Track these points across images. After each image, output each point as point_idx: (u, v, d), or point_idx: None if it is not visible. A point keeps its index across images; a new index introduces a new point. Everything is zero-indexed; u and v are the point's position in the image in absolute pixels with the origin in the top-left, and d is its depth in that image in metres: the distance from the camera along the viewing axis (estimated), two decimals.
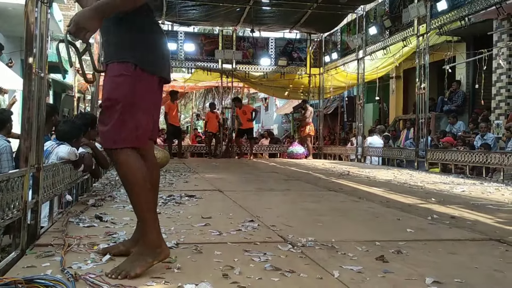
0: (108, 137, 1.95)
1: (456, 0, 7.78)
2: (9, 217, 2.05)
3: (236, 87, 15.96)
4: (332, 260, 2.15)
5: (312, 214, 3.49)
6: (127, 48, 1.93)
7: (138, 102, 1.94)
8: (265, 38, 13.55)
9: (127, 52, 1.93)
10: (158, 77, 2.03)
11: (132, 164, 1.93)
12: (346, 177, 6.82)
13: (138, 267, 1.84)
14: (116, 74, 1.92)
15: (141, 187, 1.93)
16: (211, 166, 8.90)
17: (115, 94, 1.92)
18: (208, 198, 4.26)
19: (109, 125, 1.92)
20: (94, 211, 3.29)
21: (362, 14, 11.27)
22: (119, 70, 1.92)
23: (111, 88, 1.93)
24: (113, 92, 1.92)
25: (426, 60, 8.52)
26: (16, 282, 1.62)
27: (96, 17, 1.82)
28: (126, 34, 1.95)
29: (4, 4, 9.77)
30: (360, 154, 11.20)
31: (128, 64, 1.91)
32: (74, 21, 1.79)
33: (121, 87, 1.91)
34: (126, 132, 1.92)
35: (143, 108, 1.97)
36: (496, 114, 9.75)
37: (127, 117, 1.92)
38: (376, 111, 15.78)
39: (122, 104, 1.90)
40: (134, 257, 1.91)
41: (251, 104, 24.17)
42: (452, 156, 7.72)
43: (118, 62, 1.93)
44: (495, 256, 2.34)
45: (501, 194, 5.05)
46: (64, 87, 16.59)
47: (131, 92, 1.92)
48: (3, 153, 4.32)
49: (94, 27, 1.83)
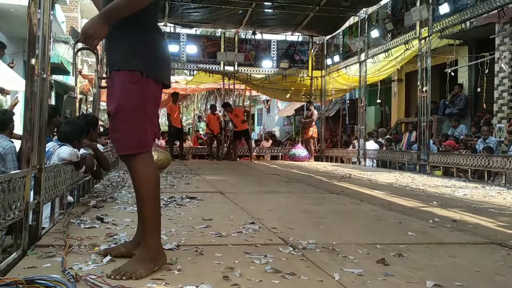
0: (121, 144, 2.01)
1: (458, 4, 7.78)
2: (11, 217, 2.06)
3: (238, 89, 15.98)
4: (332, 263, 2.15)
5: (313, 217, 3.48)
6: (134, 56, 1.96)
7: (145, 108, 1.99)
8: (267, 41, 13.57)
9: (134, 60, 1.96)
10: (162, 84, 2.07)
11: (146, 170, 2.00)
12: (347, 180, 6.82)
13: (141, 271, 1.86)
14: (125, 81, 1.95)
15: (152, 193, 2.00)
16: (213, 168, 8.89)
17: (125, 101, 1.95)
18: (209, 200, 4.26)
19: (120, 132, 1.98)
20: (95, 212, 3.29)
21: (364, 17, 11.28)
22: (127, 78, 1.95)
23: (120, 96, 1.96)
24: (122, 99, 1.95)
25: (428, 63, 8.52)
26: (17, 283, 1.63)
27: (103, 24, 1.86)
28: (132, 41, 1.98)
29: (7, 6, 9.80)
30: (361, 157, 11.20)
31: (135, 72, 1.95)
32: (83, 30, 1.85)
33: (130, 94, 1.95)
34: (138, 138, 1.98)
35: (149, 114, 2.03)
36: (498, 117, 9.74)
37: (137, 123, 1.97)
38: (378, 114, 15.77)
39: (131, 110, 1.95)
40: (137, 260, 1.92)
41: (253, 106, 24.20)
42: (454, 160, 7.71)
43: (125, 70, 1.95)
44: (496, 260, 2.34)
45: (503, 198, 5.04)
46: (66, 88, 16.65)
47: (139, 99, 1.96)
48: (8, 153, 4.34)
49: (102, 34, 1.88)
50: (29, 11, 2.28)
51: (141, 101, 1.97)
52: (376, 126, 14.52)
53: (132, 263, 1.90)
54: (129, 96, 1.95)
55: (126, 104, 1.95)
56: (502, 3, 6.90)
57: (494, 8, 7.07)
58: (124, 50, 1.98)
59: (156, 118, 2.18)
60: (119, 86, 1.96)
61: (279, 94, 14.80)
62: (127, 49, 1.97)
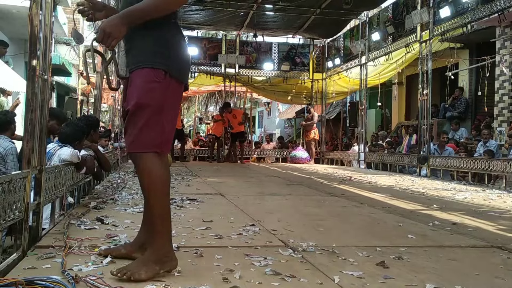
0: (133, 141, 1.95)
1: (459, 7, 7.79)
2: (11, 218, 2.06)
3: (238, 92, 15.99)
4: (332, 265, 2.15)
5: (313, 219, 3.48)
6: (158, 55, 1.93)
7: (165, 108, 1.95)
8: (268, 43, 13.59)
9: (158, 59, 1.92)
10: (183, 85, 2.05)
11: (154, 170, 1.93)
12: (348, 183, 6.81)
13: (144, 272, 1.83)
14: (147, 79, 1.91)
15: (160, 194, 1.94)
16: (213, 170, 8.90)
17: (146, 99, 1.91)
18: (210, 202, 4.26)
19: (136, 129, 1.93)
20: (96, 214, 3.29)
21: (365, 20, 11.29)
22: (151, 76, 1.91)
23: (141, 93, 1.91)
24: (143, 97, 1.91)
25: (429, 67, 8.52)
26: (16, 283, 1.63)
27: (124, 24, 1.83)
28: (156, 40, 1.94)
29: (9, 7, 9.81)
30: (362, 160, 11.21)
31: (159, 71, 1.92)
32: (101, 29, 1.80)
33: (152, 93, 1.91)
34: (152, 137, 1.93)
35: (169, 115, 1.99)
36: (499, 121, 9.73)
37: (154, 122, 1.93)
38: (379, 116, 15.77)
39: (151, 109, 1.91)
40: (141, 261, 1.90)
41: (254, 108, 24.21)
42: (454, 163, 7.71)
43: (149, 68, 1.92)
44: (496, 263, 2.34)
45: (503, 201, 5.04)
46: (67, 89, 16.65)
47: (161, 99, 1.93)
48: (9, 154, 4.36)
49: (121, 34, 1.84)
50: (30, 12, 2.28)
51: (162, 100, 1.93)
52: (376, 129, 14.52)
53: (136, 264, 1.88)
54: (150, 94, 1.91)
55: (147, 102, 1.91)
56: (502, 7, 6.91)
57: (495, 11, 7.08)
58: (148, 48, 1.93)
59: (175, 120, 2.11)
60: (141, 84, 1.92)
61: (280, 96, 14.81)
62: (151, 47, 1.93)
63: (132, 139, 1.95)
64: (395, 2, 10.12)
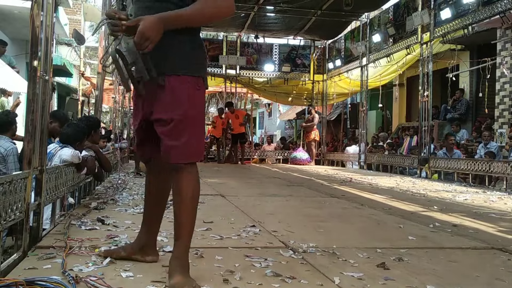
0: (180, 152, 1.85)
1: (460, 9, 7.80)
2: (12, 218, 2.06)
3: (239, 93, 15.99)
4: (333, 267, 2.15)
5: (314, 220, 3.49)
6: (196, 61, 1.91)
7: (204, 115, 2.00)
8: (269, 44, 13.60)
9: (196, 66, 1.91)
10: None
11: (197, 180, 1.91)
12: (348, 184, 6.81)
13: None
14: (192, 88, 1.88)
15: (195, 211, 1.91)
16: (214, 171, 8.90)
17: (192, 109, 1.87)
18: (210, 203, 4.26)
19: (183, 139, 1.85)
20: (96, 214, 3.30)
21: (366, 21, 11.30)
22: (194, 85, 1.89)
23: (186, 102, 1.86)
24: (190, 106, 1.87)
25: (430, 68, 8.53)
26: (17, 284, 1.63)
27: (162, 28, 1.76)
28: (192, 46, 1.90)
29: (10, 7, 9.83)
30: (362, 161, 11.21)
31: (199, 79, 1.91)
32: (140, 32, 1.72)
33: (195, 102, 1.90)
34: (199, 146, 1.93)
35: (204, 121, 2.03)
36: (500, 123, 9.73)
37: (199, 132, 1.93)
38: (380, 118, 15.78)
39: (196, 118, 1.90)
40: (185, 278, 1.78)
41: (255, 109, 24.22)
42: (455, 164, 7.71)
43: (190, 76, 1.88)
44: (496, 264, 2.34)
45: (504, 203, 5.03)
46: (68, 90, 16.67)
47: (201, 106, 1.96)
48: (10, 155, 4.36)
49: (158, 39, 1.76)
50: (32, 13, 2.29)
51: (203, 108, 1.97)
52: (377, 130, 14.52)
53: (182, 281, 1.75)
54: (195, 103, 1.89)
55: (193, 111, 1.87)
56: (504, 9, 6.92)
57: (496, 13, 7.08)
58: (186, 54, 1.88)
59: None
60: (185, 92, 1.85)
61: (280, 97, 14.82)
62: (188, 54, 1.89)
63: (177, 150, 1.85)
64: (396, 3, 10.13)
